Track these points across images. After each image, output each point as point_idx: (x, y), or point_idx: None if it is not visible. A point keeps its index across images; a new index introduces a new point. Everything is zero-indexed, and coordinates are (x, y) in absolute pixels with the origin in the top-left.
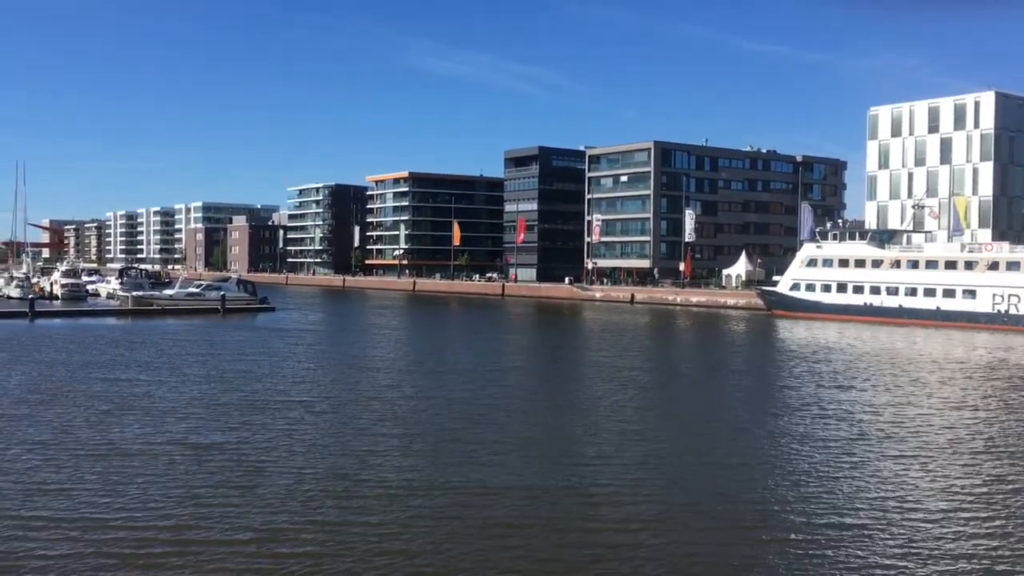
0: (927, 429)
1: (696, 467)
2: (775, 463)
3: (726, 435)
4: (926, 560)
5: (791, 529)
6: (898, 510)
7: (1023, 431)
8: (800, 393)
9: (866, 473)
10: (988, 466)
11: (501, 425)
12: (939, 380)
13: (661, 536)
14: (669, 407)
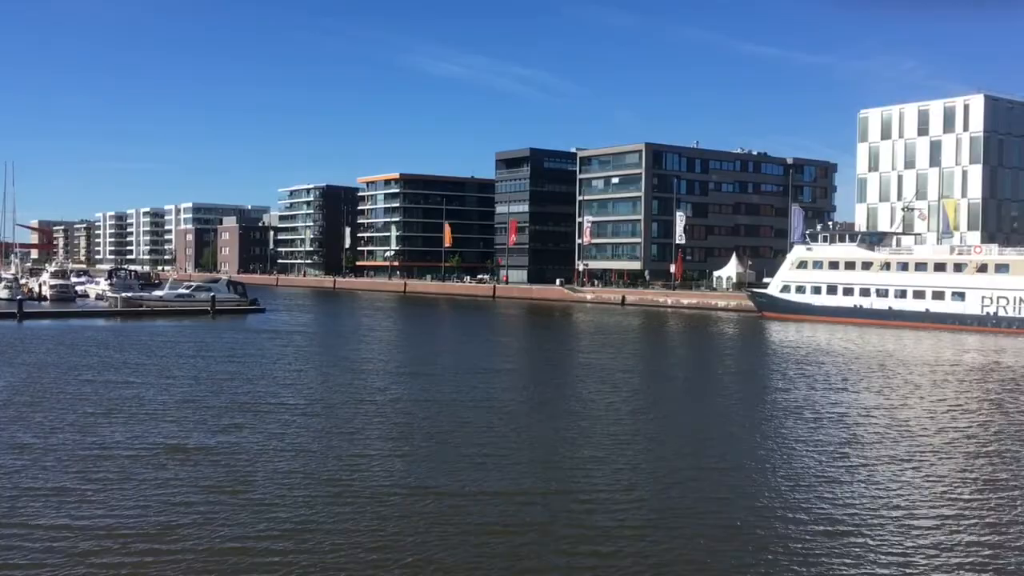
0: (919, 432)
1: (689, 471)
2: (768, 467)
3: (719, 438)
4: (921, 566)
5: (785, 535)
6: (892, 515)
7: (1016, 433)
8: (792, 396)
9: (859, 477)
10: (982, 469)
11: (493, 428)
12: (931, 383)
13: (655, 542)
14: (661, 410)
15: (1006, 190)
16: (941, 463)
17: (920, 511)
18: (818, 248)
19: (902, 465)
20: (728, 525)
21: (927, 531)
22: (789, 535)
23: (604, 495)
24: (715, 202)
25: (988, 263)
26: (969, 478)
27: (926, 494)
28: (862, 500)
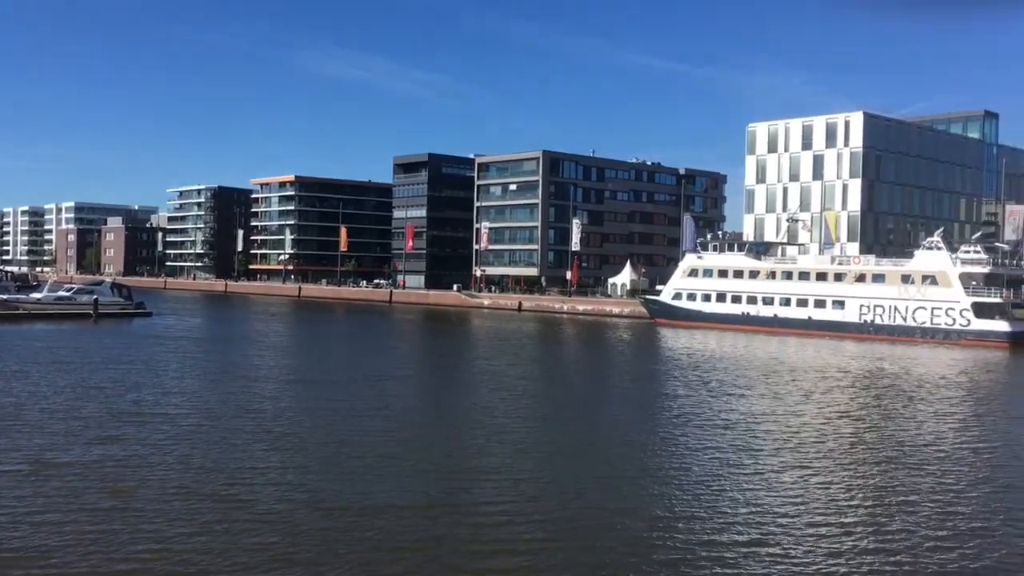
0: (812, 437)
1: (590, 480)
2: (669, 475)
3: (618, 446)
4: (817, 570)
5: (686, 543)
6: (789, 520)
7: (901, 439)
8: (687, 402)
9: (749, 483)
10: (874, 474)
11: (389, 438)
12: (821, 389)
13: (557, 553)
14: (560, 417)
15: (883, 203)
16: (829, 469)
17: (816, 516)
18: (708, 257)
19: (799, 471)
20: (627, 537)
21: (823, 537)
22: (690, 543)
23: (505, 507)
24: (611, 210)
25: (866, 273)
26: (862, 483)
27: (821, 499)
28: (754, 508)
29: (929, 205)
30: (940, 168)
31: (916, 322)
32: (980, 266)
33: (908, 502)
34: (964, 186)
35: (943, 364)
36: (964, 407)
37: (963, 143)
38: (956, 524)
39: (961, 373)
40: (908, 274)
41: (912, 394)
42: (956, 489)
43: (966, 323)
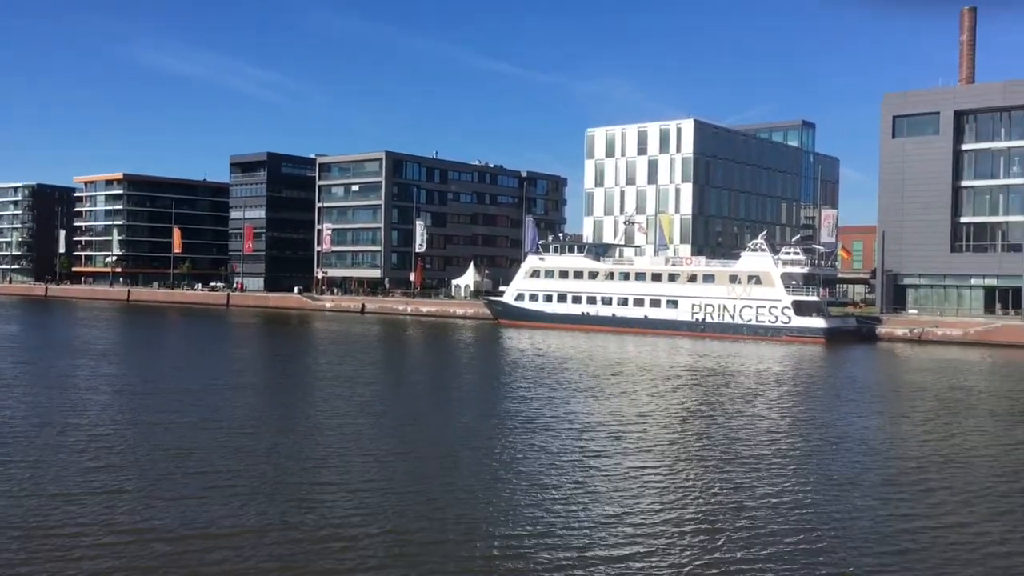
0: (649, 436)
1: (438, 492)
2: (511, 481)
3: (467, 452)
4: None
5: (539, 552)
6: (645, 520)
7: (740, 434)
8: (530, 404)
9: (589, 483)
10: (707, 468)
11: (225, 453)
12: (655, 387)
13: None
14: (401, 424)
15: (712, 207)
16: (674, 464)
17: (664, 515)
18: (550, 258)
19: (647, 469)
20: (472, 550)
21: (673, 536)
22: (540, 555)
23: (348, 525)
24: (454, 212)
25: (697, 274)
26: (702, 478)
27: (664, 494)
28: (590, 511)
29: (754, 209)
30: (763, 174)
31: (743, 320)
32: (799, 267)
33: (745, 493)
34: (785, 191)
35: (768, 359)
36: (791, 398)
37: (784, 151)
38: (790, 514)
39: (785, 367)
40: (735, 274)
41: (747, 389)
42: (786, 479)
43: (787, 320)
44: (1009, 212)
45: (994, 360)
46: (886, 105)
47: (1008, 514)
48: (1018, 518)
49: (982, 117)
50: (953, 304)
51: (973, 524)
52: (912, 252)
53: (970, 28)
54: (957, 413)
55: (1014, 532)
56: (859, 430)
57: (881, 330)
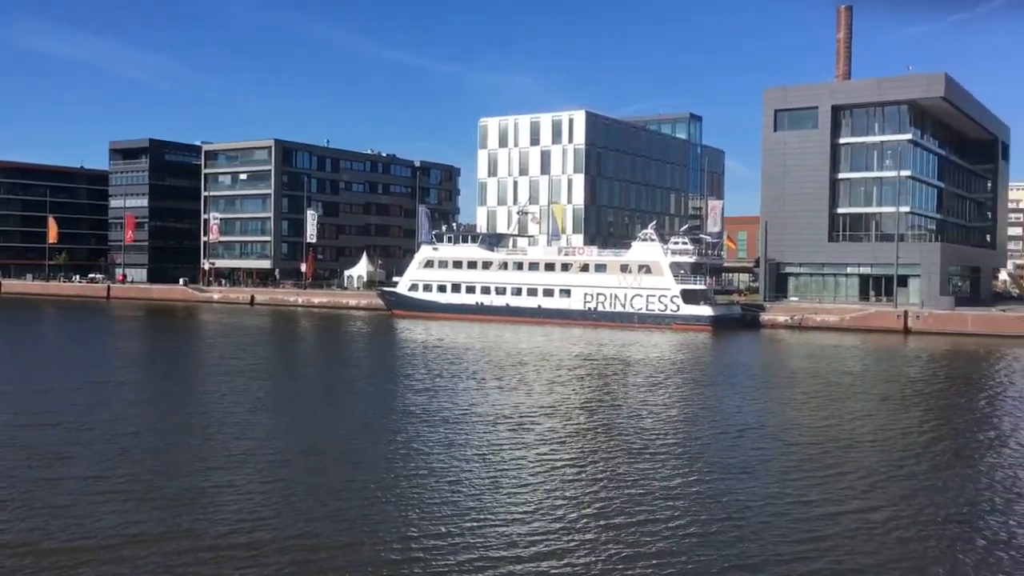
0: (545, 426)
1: (332, 490)
2: (412, 477)
3: (360, 449)
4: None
5: (436, 552)
6: (526, 517)
7: (643, 424)
8: (424, 396)
9: (495, 477)
10: (626, 462)
11: (111, 456)
12: (553, 376)
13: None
14: (298, 421)
15: (603, 197)
16: (594, 459)
17: (567, 509)
18: (444, 248)
19: (559, 464)
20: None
21: (575, 532)
22: (448, 550)
23: (245, 530)
24: (346, 201)
25: (589, 263)
26: (608, 473)
27: (561, 487)
28: (517, 505)
29: (644, 199)
30: (653, 165)
31: (634, 308)
32: (687, 256)
33: (653, 483)
34: (673, 182)
35: (660, 347)
36: (688, 386)
37: (672, 143)
38: (677, 503)
39: (677, 355)
40: (626, 264)
41: (645, 377)
42: (690, 468)
43: (676, 309)
44: (882, 203)
45: (869, 344)
46: (768, 100)
47: (909, 498)
48: (920, 502)
49: (857, 112)
50: (831, 292)
51: (879, 508)
52: (793, 242)
53: (846, 26)
54: (849, 398)
55: (917, 516)
56: (757, 417)
57: (764, 317)
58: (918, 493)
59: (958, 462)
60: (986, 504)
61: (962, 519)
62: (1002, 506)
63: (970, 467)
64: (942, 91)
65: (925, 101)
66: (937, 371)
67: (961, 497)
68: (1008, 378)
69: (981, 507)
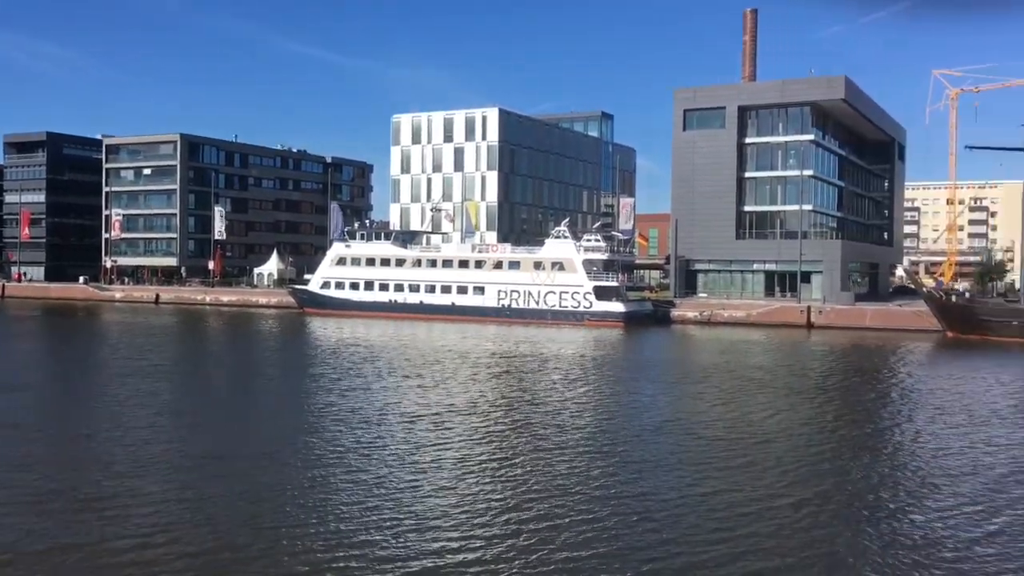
0: (465, 425)
1: (246, 496)
2: (329, 480)
3: (275, 452)
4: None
5: (355, 558)
6: (447, 518)
7: (561, 421)
8: (339, 395)
9: (415, 479)
10: (523, 458)
11: (8, 464)
12: (469, 374)
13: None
14: (209, 423)
15: (516, 195)
16: (514, 458)
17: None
18: (356, 245)
19: (479, 463)
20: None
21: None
22: (367, 556)
23: (153, 544)
24: (256, 198)
25: (503, 260)
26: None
27: (490, 490)
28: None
29: (557, 197)
30: (566, 163)
31: (547, 305)
32: (599, 253)
33: (574, 480)
34: (586, 180)
35: (574, 343)
36: (604, 383)
37: (584, 141)
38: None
39: (591, 351)
40: (540, 261)
41: (562, 374)
42: (611, 465)
43: (589, 305)
44: (786, 202)
45: (774, 339)
46: (677, 99)
47: (821, 489)
48: (831, 492)
49: (763, 113)
50: (738, 288)
51: (793, 499)
52: (702, 239)
53: (752, 29)
54: (760, 392)
55: (829, 506)
56: (673, 412)
57: (675, 313)
58: (829, 484)
59: (866, 453)
60: (894, 492)
61: (873, 508)
62: (909, 494)
63: (878, 457)
64: (842, 93)
65: (826, 103)
66: (840, 364)
67: (871, 486)
68: (906, 370)
69: (890, 496)
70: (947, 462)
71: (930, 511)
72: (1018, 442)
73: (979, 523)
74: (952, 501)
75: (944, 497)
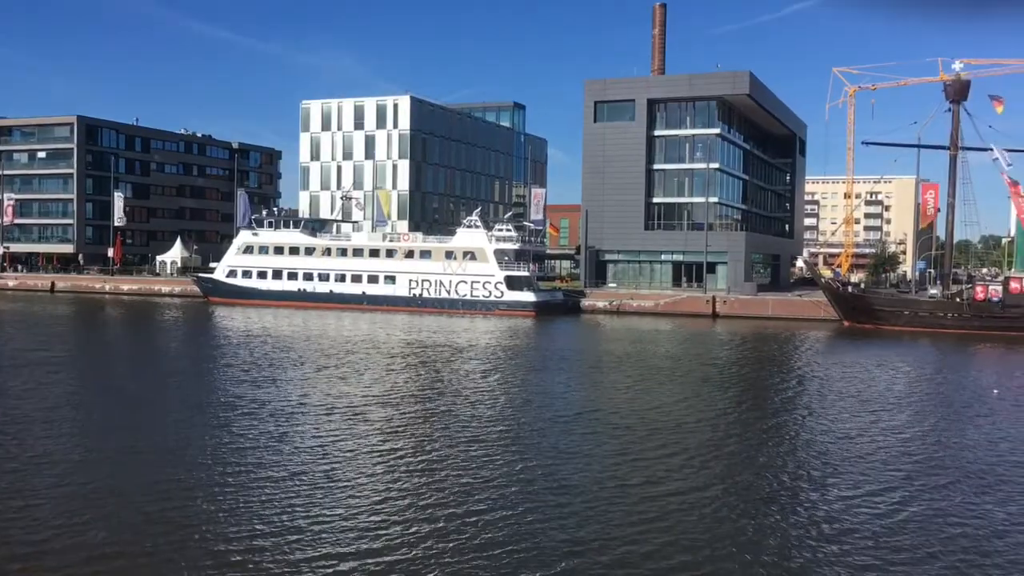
0: (381, 417)
1: (151, 493)
2: (240, 475)
3: (181, 447)
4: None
5: (265, 558)
6: (363, 513)
7: (478, 412)
8: (249, 387)
9: (330, 472)
10: (429, 450)
11: None
12: (379, 364)
13: None
14: (111, 418)
15: (429, 183)
16: (431, 450)
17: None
18: (264, 233)
19: (396, 456)
20: (206, 564)
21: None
22: (277, 556)
23: (53, 548)
24: (158, 183)
25: (414, 250)
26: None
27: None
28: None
29: (469, 186)
30: (478, 152)
31: (459, 295)
32: (511, 243)
33: (492, 471)
34: (498, 170)
35: (487, 333)
36: (518, 372)
37: (496, 131)
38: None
39: (504, 340)
40: (451, 250)
41: (477, 364)
42: (527, 455)
43: (500, 295)
44: (693, 194)
45: (681, 328)
46: (588, 91)
47: (734, 476)
48: (744, 479)
49: (671, 106)
50: (647, 278)
51: (706, 487)
52: (612, 230)
53: (661, 23)
54: (671, 381)
55: (741, 493)
56: (588, 401)
57: (585, 303)
58: (743, 472)
59: (773, 439)
60: (799, 477)
61: (784, 493)
62: (818, 478)
63: (781, 443)
64: (747, 88)
65: (731, 97)
66: (745, 353)
67: (780, 472)
68: (805, 358)
69: (799, 481)
70: (845, 445)
71: (832, 492)
72: (905, 424)
73: (880, 504)
74: (852, 481)
75: (845, 479)
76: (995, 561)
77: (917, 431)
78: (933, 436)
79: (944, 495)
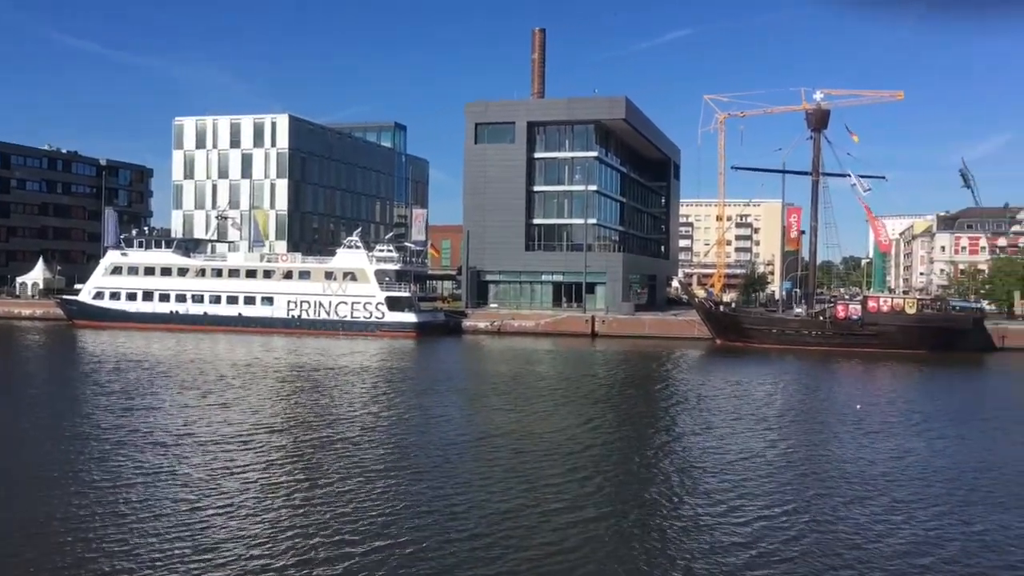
0: (266, 443)
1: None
2: (114, 509)
3: (47, 478)
4: None
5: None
6: (248, 543)
7: (370, 437)
8: (119, 416)
9: (211, 504)
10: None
11: None
12: (246, 388)
13: None
14: None
15: (308, 203)
16: (322, 474)
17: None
18: (134, 254)
19: (285, 484)
20: None
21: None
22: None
23: None
24: (19, 201)
25: (293, 270)
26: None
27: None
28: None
29: (349, 206)
30: (359, 172)
31: (339, 316)
32: (392, 263)
33: (380, 495)
34: (379, 190)
35: (367, 355)
36: (404, 394)
37: (377, 151)
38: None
39: (386, 362)
40: (331, 271)
41: (362, 387)
42: (419, 478)
43: (381, 316)
44: (572, 215)
45: (561, 348)
46: (469, 113)
47: (618, 493)
48: (628, 495)
49: (550, 129)
50: (528, 298)
51: (595, 506)
52: (493, 250)
53: (540, 47)
54: (550, 400)
55: (626, 508)
56: (470, 423)
57: (467, 323)
58: (627, 489)
59: (651, 454)
60: (686, 489)
61: (667, 507)
62: (698, 488)
63: (660, 458)
64: (623, 113)
65: (609, 122)
66: (623, 371)
67: (661, 487)
68: (680, 376)
69: (682, 493)
70: (717, 458)
71: (708, 501)
72: (779, 438)
73: (761, 512)
74: (732, 495)
75: (726, 494)
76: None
77: (791, 444)
78: (803, 450)
79: (816, 502)
